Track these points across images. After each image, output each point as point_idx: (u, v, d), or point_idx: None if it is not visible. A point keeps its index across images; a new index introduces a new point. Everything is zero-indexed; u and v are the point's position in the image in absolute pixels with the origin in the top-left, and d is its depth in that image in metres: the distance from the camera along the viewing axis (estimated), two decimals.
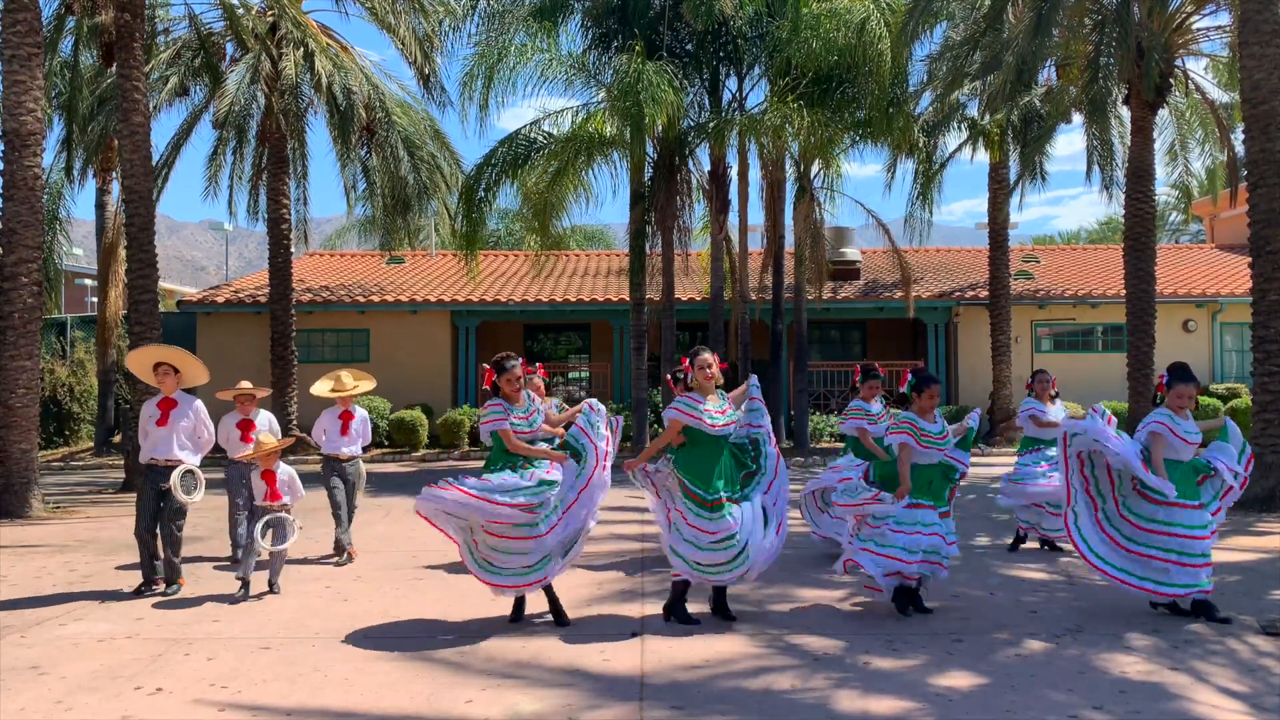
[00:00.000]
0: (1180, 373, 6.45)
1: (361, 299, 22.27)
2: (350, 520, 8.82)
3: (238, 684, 5.18)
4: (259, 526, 7.19)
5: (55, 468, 17.43)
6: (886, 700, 4.81)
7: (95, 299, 28.87)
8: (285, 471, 7.49)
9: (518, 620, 6.40)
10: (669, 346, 18.73)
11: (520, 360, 6.44)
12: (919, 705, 4.75)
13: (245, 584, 7.20)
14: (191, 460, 7.44)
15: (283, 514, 7.35)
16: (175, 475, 7.19)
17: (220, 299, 22.32)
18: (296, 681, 5.22)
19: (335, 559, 8.61)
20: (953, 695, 4.89)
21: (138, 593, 7.31)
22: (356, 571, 8.20)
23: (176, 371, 7.53)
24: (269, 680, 5.24)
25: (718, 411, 6.21)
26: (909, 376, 6.79)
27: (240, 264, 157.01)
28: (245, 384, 8.81)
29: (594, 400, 6.89)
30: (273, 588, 7.30)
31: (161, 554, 7.39)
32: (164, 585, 7.40)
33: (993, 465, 16.62)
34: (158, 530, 7.36)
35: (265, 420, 8.65)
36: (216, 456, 8.64)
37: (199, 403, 7.61)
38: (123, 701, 4.93)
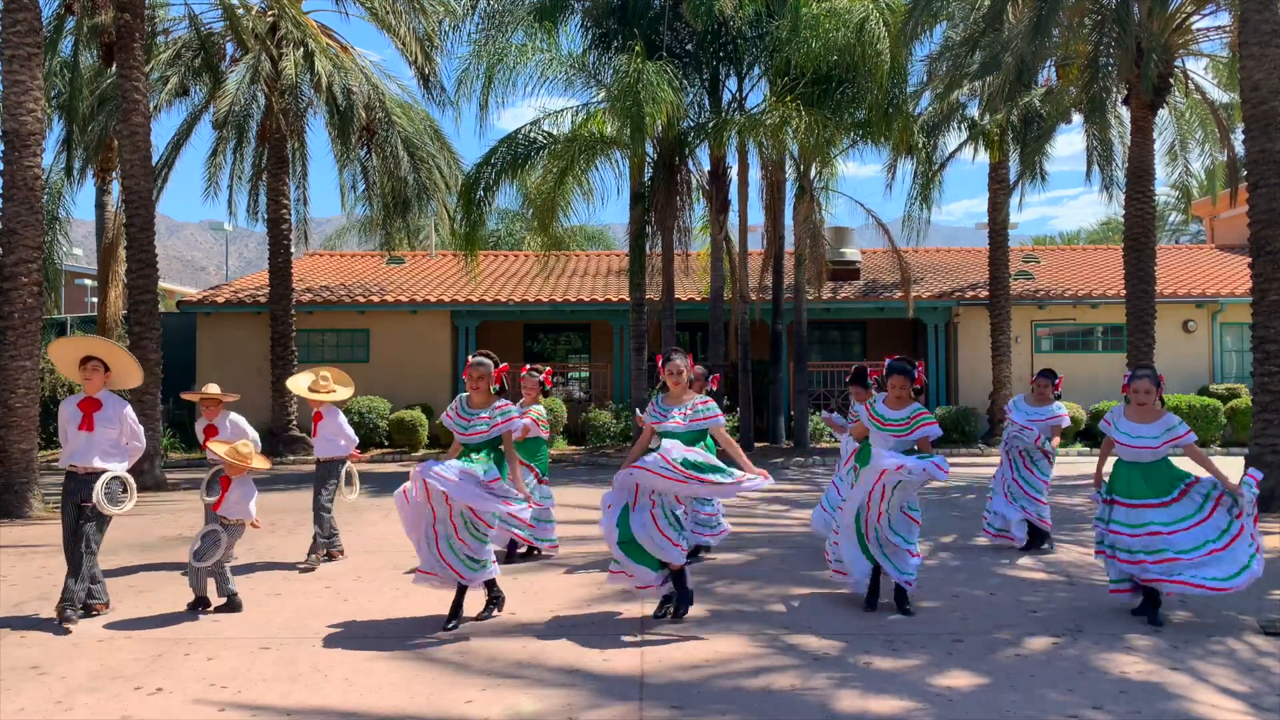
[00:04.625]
0: (1137, 370, 6.49)
1: (361, 299, 22.26)
2: (323, 527, 8.50)
3: (238, 684, 5.18)
4: (195, 542, 6.67)
5: (55, 468, 17.40)
6: (886, 700, 4.82)
7: (95, 299, 28.88)
8: (240, 487, 6.78)
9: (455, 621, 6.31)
10: (669, 347, 18.71)
11: (499, 364, 6.49)
12: (919, 705, 4.75)
13: (202, 600, 6.71)
14: (117, 468, 6.60)
15: (217, 526, 6.72)
16: (99, 488, 6.38)
17: (220, 299, 22.31)
18: (296, 681, 5.22)
19: (311, 562, 8.41)
20: (953, 695, 4.89)
21: (75, 616, 6.46)
22: (356, 572, 8.19)
23: (106, 369, 6.70)
24: (269, 680, 5.24)
25: (673, 419, 6.31)
26: (886, 364, 6.78)
27: (240, 264, 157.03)
28: (212, 387, 8.35)
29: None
30: (233, 604, 6.70)
31: (80, 569, 6.51)
32: (75, 610, 6.45)
33: (992, 465, 16.62)
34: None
35: (229, 423, 8.10)
36: (200, 458, 8.50)
37: (128, 408, 6.79)
38: (123, 701, 4.93)
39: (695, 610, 6.46)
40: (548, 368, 8.91)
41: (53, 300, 24.47)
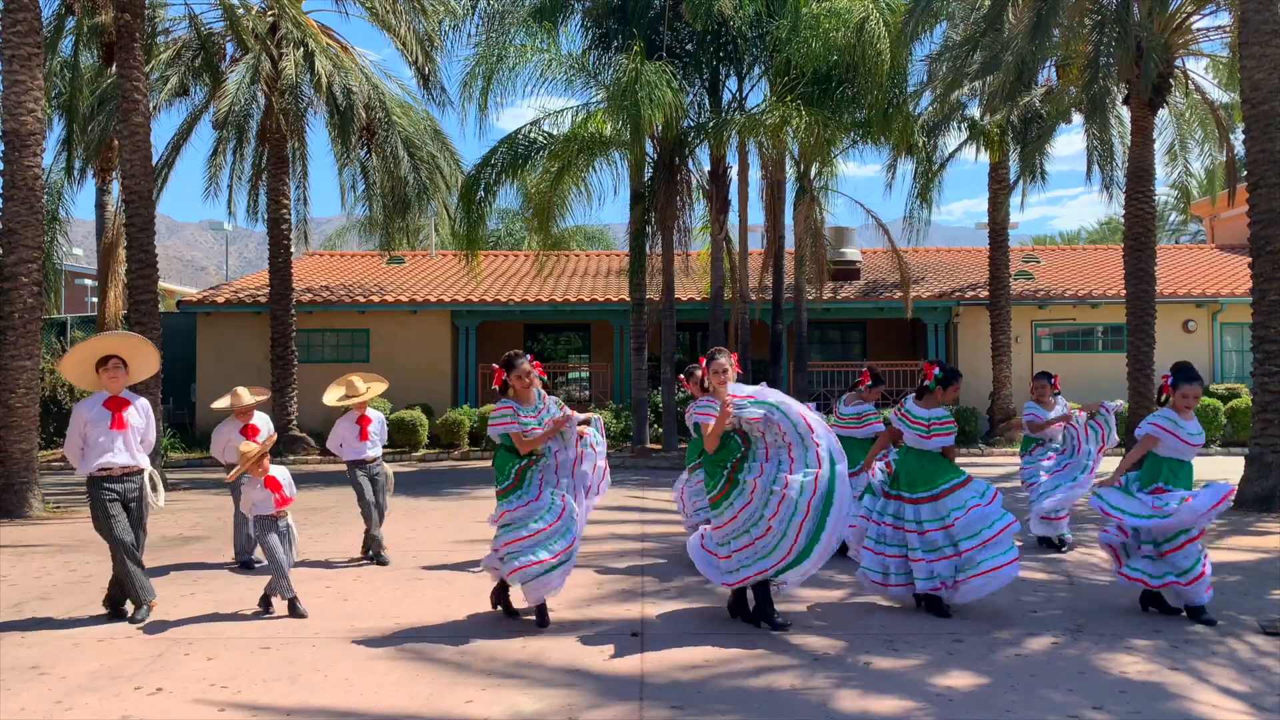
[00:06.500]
0: (1186, 373, 6.41)
1: (361, 299, 22.27)
2: (381, 521, 8.84)
3: (238, 684, 5.18)
4: (275, 538, 6.73)
5: (55, 468, 17.41)
6: (887, 700, 4.81)
7: (95, 299, 28.88)
8: (283, 474, 6.97)
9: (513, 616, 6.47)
10: (669, 346, 18.73)
11: (530, 358, 6.45)
12: (919, 705, 4.75)
13: (294, 602, 6.63)
14: (147, 464, 6.75)
15: (286, 520, 6.92)
16: (147, 482, 6.62)
17: (220, 299, 22.31)
18: (296, 681, 5.22)
19: (365, 559, 8.66)
20: (953, 695, 4.89)
21: (137, 619, 6.50)
22: (356, 572, 8.20)
23: (125, 366, 6.69)
24: (269, 680, 5.24)
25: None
26: (935, 370, 6.68)
27: (240, 264, 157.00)
28: (244, 395, 8.44)
29: (598, 418, 7.22)
30: (268, 606, 6.79)
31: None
32: (105, 609, 6.67)
33: (993, 465, 16.62)
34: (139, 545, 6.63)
35: (265, 423, 8.49)
36: (205, 457, 8.53)
37: (147, 401, 6.90)
38: (123, 701, 4.93)
39: (698, 607, 6.45)
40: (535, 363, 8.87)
41: (53, 300, 24.43)
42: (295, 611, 6.61)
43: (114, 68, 16.19)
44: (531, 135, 18.38)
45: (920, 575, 6.41)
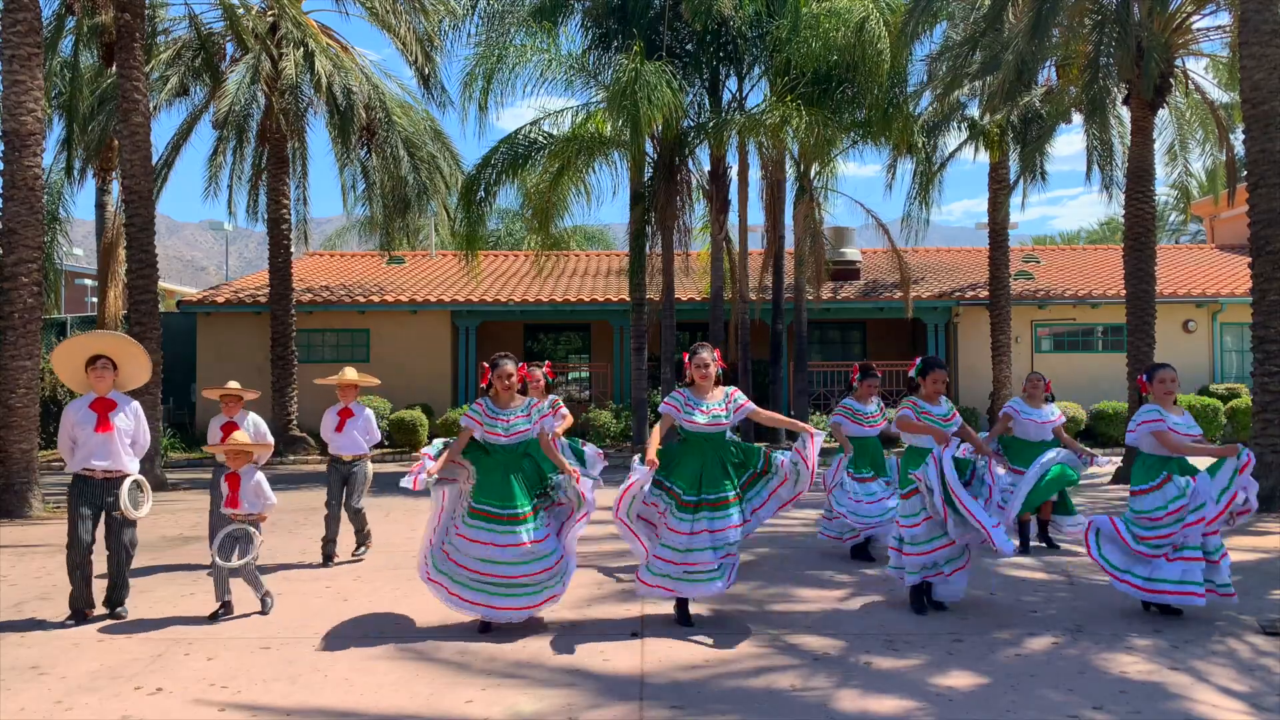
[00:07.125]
0: (1157, 364, 6.51)
1: (361, 299, 22.27)
2: (360, 522, 8.74)
3: (238, 684, 5.18)
4: (218, 542, 6.50)
5: (55, 468, 17.40)
6: (887, 700, 4.81)
7: (95, 299, 28.89)
8: (253, 477, 6.69)
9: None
10: (669, 346, 18.73)
11: (519, 363, 6.45)
12: (919, 705, 4.75)
13: (225, 604, 6.53)
14: (135, 468, 6.60)
15: (246, 526, 6.60)
16: (124, 492, 6.43)
17: (220, 299, 22.32)
18: (296, 681, 5.22)
19: (362, 553, 8.76)
20: (953, 695, 4.88)
21: (67, 624, 6.42)
22: (356, 572, 8.19)
23: (115, 367, 6.57)
24: (269, 680, 5.24)
25: (703, 411, 6.17)
26: (916, 362, 6.82)
27: (240, 264, 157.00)
28: (233, 384, 8.50)
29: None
30: (264, 606, 6.65)
31: (110, 574, 6.55)
32: (104, 609, 6.60)
33: None
34: (93, 551, 6.52)
35: (250, 423, 8.35)
36: (205, 457, 8.55)
37: (137, 403, 6.72)
38: (123, 701, 4.93)
39: (696, 610, 6.46)
40: (546, 363, 8.92)
41: (53, 300, 24.45)
42: (216, 615, 6.46)
43: (114, 68, 16.21)
44: (531, 135, 18.38)
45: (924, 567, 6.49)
